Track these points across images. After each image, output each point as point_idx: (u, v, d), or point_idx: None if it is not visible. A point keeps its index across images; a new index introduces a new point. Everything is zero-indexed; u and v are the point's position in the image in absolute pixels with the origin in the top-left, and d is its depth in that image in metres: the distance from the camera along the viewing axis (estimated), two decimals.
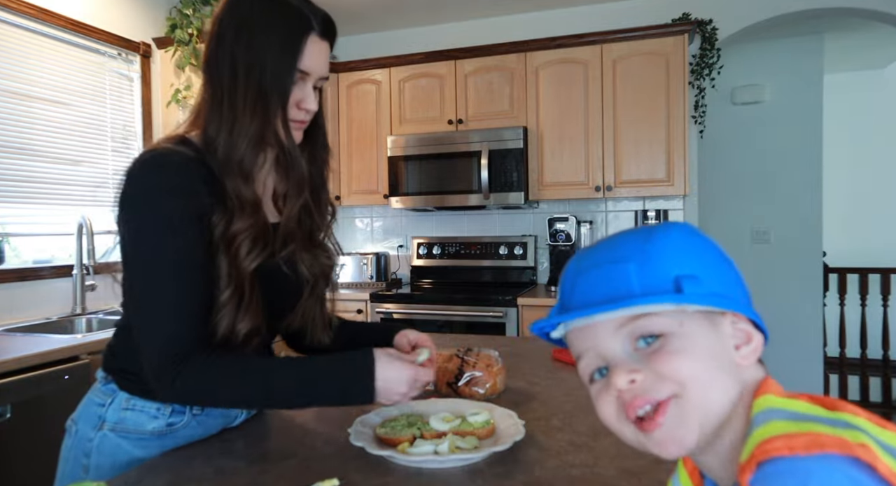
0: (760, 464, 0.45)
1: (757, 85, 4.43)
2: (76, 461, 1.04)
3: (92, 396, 1.07)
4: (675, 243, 0.55)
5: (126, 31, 3.08)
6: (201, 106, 1.02)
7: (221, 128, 0.96)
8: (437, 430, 1.01)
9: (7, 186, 2.50)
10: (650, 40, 3.17)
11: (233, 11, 0.99)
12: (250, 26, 0.96)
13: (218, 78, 0.98)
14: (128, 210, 0.94)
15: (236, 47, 0.96)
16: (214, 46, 0.99)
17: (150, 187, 0.93)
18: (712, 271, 0.55)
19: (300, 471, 0.94)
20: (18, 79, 2.56)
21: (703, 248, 0.57)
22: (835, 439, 0.44)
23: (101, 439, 1.03)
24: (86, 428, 1.04)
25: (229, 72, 0.96)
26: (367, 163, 3.70)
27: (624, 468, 0.93)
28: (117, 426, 1.03)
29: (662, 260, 0.54)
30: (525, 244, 3.61)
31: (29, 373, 1.85)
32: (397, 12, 3.77)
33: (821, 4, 3.31)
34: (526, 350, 1.81)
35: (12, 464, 1.82)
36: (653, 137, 3.17)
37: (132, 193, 0.94)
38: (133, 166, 0.95)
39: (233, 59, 0.96)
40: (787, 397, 0.50)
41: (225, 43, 0.97)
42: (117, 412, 1.03)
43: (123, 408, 1.03)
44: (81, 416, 1.07)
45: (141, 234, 0.93)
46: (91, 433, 1.03)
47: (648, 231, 0.57)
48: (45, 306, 2.62)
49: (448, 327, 3.19)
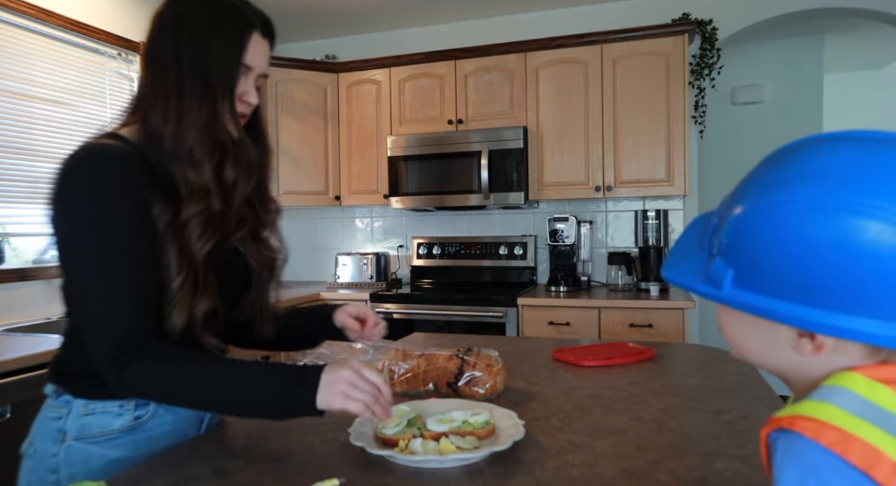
0: (783, 429, 0.47)
1: (757, 85, 4.43)
2: (41, 481, 1.00)
3: (45, 413, 1.04)
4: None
5: (126, 31, 3.08)
6: (140, 100, 1.03)
7: (168, 118, 0.97)
8: (437, 430, 1.01)
9: (7, 186, 2.50)
10: (650, 40, 3.17)
11: (176, 7, 1.01)
12: (195, 21, 0.99)
13: (162, 71, 0.99)
14: (65, 205, 0.92)
15: (181, 40, 0.98)
16: (158, 39, 1.01)
17: (87, 181, 0.91)
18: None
19: (300, 471, 0.94)
20: (18, 79, 2.55)
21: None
22: (867, 449, 0.44)
23: (66, 451, 0.99)
24: (46, 445, 1.00)
25: (175, 63, 0.97)
26: (367, 163, 3.70)
27: (624, 468, 0.93)
28: (81, 433, 1.00)
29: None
30: (525, 244, 3.61)
31: (29, 373, 1.84)
32: (397, 12, 3.76)
33: (821, 4, 3.31)
34: (526, 350, 1.81)
35: (12, 464, 1.81)
36: (653, 136, 3.17)
37: (68, 187, 0.92)
38: (67, 161, 0.93)
39: (177, 51, 0.97)
40: (878, 383, 0.48)
41: (168, 36, 0.99)
42: (77, 420, 1.00)
43: (83, 415, 1.00)
44: (38, 436, 1.03)
45: (79, 228, 0.91)
46: (53, 448, 0.99)
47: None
48: (45, 306, 2.62)
49: (448, 327, 3.19)
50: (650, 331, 2.87)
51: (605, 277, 3.49)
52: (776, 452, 0.48)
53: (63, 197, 0.92)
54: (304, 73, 3.67)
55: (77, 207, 0.91)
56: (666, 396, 1.31)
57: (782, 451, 0.47)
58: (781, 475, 0.46)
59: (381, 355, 1.41)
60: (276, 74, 3.58)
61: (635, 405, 1.25)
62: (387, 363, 1.38)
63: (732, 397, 1.30)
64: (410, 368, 1.35)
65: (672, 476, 0.90)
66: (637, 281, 3.25)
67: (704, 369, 1.54)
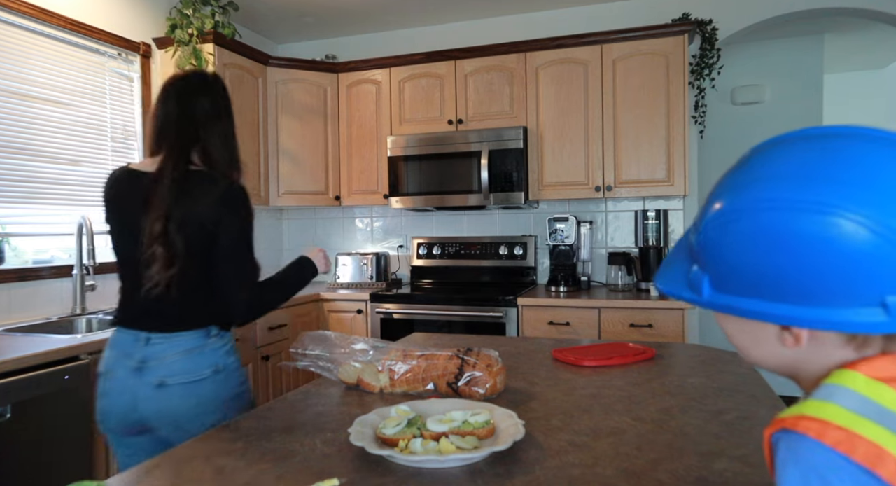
0: (786, 430, 0.48)
1: (757, 85, 4.43)
2: (234, 383, 1.49)
3: (212, 350, 1.45)
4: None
5: (126, 31, 3.08)
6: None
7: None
8: (437, 430, 1.01)
9: (7, 186, 2.50)
10: (650, 40, 3.17)
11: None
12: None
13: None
14: (241, 213, 1.46)
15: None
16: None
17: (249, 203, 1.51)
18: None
19: (300, 471, 0.94)
20: (18, 79, 2.55)
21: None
22: (871, 447, 0.44)
23: (235, 362, 1.51)
24: (226, 362, 1.48)
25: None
26: (367, 163, 3.70)
27: (624, 468, 0.93)
28: (230, 352, 1.51)
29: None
30: (525, 244, 3.61)
31: (29, 373, 1.85)
32: (397, 12, 3.77)
33: (821, 4, 3.31)
34: (526, 350, 1.81)
35: (12, 464, 1.82)
36: (653, 137, 3.17)
37: (243, 203, 1.47)
38: (237, 189, 1.46)
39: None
40: (878, 382, 0.49)
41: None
42: (229, 344, 1.52)
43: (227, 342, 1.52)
44: (217, 359, 1.46)
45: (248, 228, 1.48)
46: (233, 362, 1.50)
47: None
48: (45, 306, 2.62)
49: (448, 327, 3.19)
50: (650, 331, 2.87)
51: (605, 277, 3.49)
52: (779, 452, 0.48)
53: (239, 208, 1.47)
54: (304, 73, 3.67)
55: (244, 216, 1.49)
56: (666, 396, 1.31)
57: (785, 451, 0.47)
58: (784, 475, 0.46)
59: (381, 355, 1.41)
60: (276, 74, 3.59)
61: (635, 405, 1.25)
62: (387, 363, 1.38)
63: (732, 397, 1.30)
64: (410, 368, 1.35)
65: (672, 476, 0.90)
66: (637, 281, 3.26)
67: (704, 369, 1.55)
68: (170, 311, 1.41)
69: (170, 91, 1.50)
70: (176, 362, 1.40)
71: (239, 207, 1.44)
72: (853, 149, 0.50)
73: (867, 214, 0.47)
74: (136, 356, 1.40)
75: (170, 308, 1.41)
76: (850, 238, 0.47)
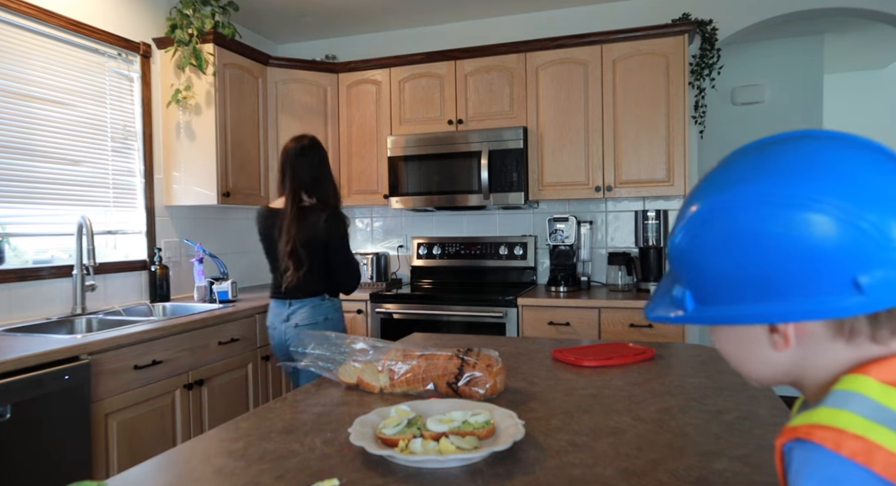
0: (799, 439, 0.46)
1: (757, 85, 4.43)
2: (340, 325, 2.47)
3: (325, 307, 2.41)
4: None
5: (126, 31, 3.08)
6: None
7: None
8: (437, 430, 1.01)
9: (7, 186, 2.50)
10: (650, 40, 3.17)
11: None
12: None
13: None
14: (340, 228, 2.37)
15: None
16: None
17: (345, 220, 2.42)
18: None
19: (300, 471, 0.94)
20: (18, 79, 2.55)
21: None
22: (891, 458, 0.43)
23: (340, 316, 2.49)
24: (333, 315, 2.44)
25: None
26: (367, 163, 3.70)
27: (624, 468, 0.93)
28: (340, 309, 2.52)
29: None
30: (525, 244, 3.61)
31: (29, 373, 1.85)
32: (397, 12, 3.77)
33: (821, 4, 3.31)
34: (526, 350, 1.81)
35: (12, 464, 1.82)
36: (653, 137, 3.17)
37: (341, 221, 2.37)
38: (334, 212, 2.35)
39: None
40: (891, 387, 0.48)
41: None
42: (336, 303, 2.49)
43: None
44: (328, 312, 2.41)
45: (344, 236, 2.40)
46: (337, 314, 2.47)
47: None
48: (45, 306, 2.62)
49: (448, 327, 3.19)
50: (650, 331, 2.88)
51: (605, 277, 3.49)
52: (792, 463, 0.46)
53: (340, 226, 2.37)
54: (304, 73, 3.67)
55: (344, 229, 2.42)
56: (666, 396, 1.31)
57: (799, 462, 0.45)
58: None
59: (380, 355, 1.41)
60: (276, 74, 3.59)
61: (635, 405, 1.25)
62: (387, 363, 1.38)
63: (732, 397, 1.30)
64: (410, 368, 1.35)
65: (672, 476, 0.90)
66: (637, 281, 3.26)
67: (704, 369, 1.55)
68: (299, 288, 2.35)
69: (289, 152, 2.38)
70: (305, 314, 2.36)
71: (338, 224, 2.34)
72: (807, 147, 0.53)
73: (828, 201, 0.48)
74: (284, 313, 2.40)
75: (299, 288, 2.35)
76: (816, 226, 0.48)
